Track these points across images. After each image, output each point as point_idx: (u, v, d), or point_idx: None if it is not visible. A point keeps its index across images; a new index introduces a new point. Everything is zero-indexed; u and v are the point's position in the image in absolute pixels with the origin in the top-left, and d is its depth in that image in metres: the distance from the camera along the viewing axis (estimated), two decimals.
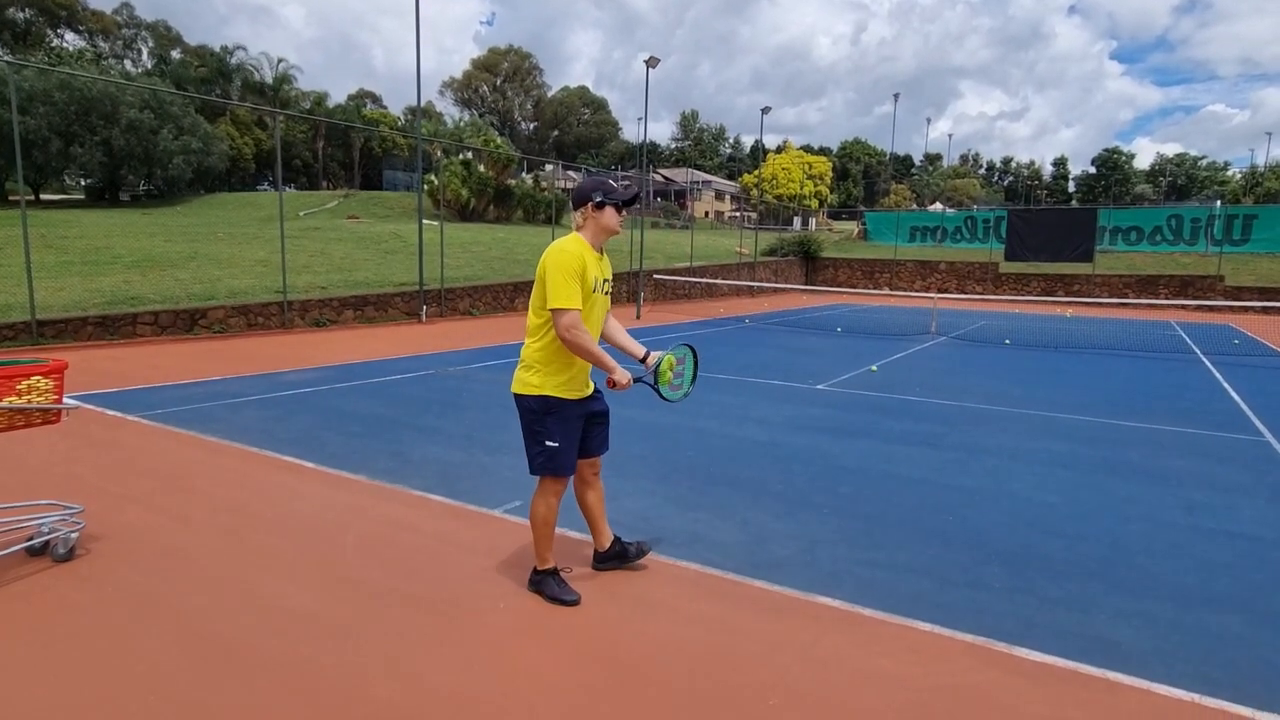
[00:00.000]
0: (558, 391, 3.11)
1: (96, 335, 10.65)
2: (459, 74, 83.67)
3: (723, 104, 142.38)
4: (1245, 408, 8.24)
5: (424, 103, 53.93)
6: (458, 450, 5.61)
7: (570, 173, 46.08)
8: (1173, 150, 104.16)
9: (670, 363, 3.34)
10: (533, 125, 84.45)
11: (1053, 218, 30.49)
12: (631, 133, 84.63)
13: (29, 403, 3.31)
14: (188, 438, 5.74)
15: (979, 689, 2.65)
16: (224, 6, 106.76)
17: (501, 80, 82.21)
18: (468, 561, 3.63)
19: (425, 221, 16.65)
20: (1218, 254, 28.20)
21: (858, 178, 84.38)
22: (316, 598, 3.20)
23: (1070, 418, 7.43)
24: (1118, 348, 13.88)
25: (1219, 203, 44.94)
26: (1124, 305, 24.98)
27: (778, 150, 73.04)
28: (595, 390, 3.32)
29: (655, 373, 3.28)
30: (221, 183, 46.34)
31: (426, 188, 28.49)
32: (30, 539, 3.51)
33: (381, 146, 60.04)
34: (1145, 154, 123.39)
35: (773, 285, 26.70)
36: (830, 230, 48.38)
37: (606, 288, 3.24)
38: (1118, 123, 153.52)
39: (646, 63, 18.75)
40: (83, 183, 41.56)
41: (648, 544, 3.66)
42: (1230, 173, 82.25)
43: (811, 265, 33.64)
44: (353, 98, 70.96)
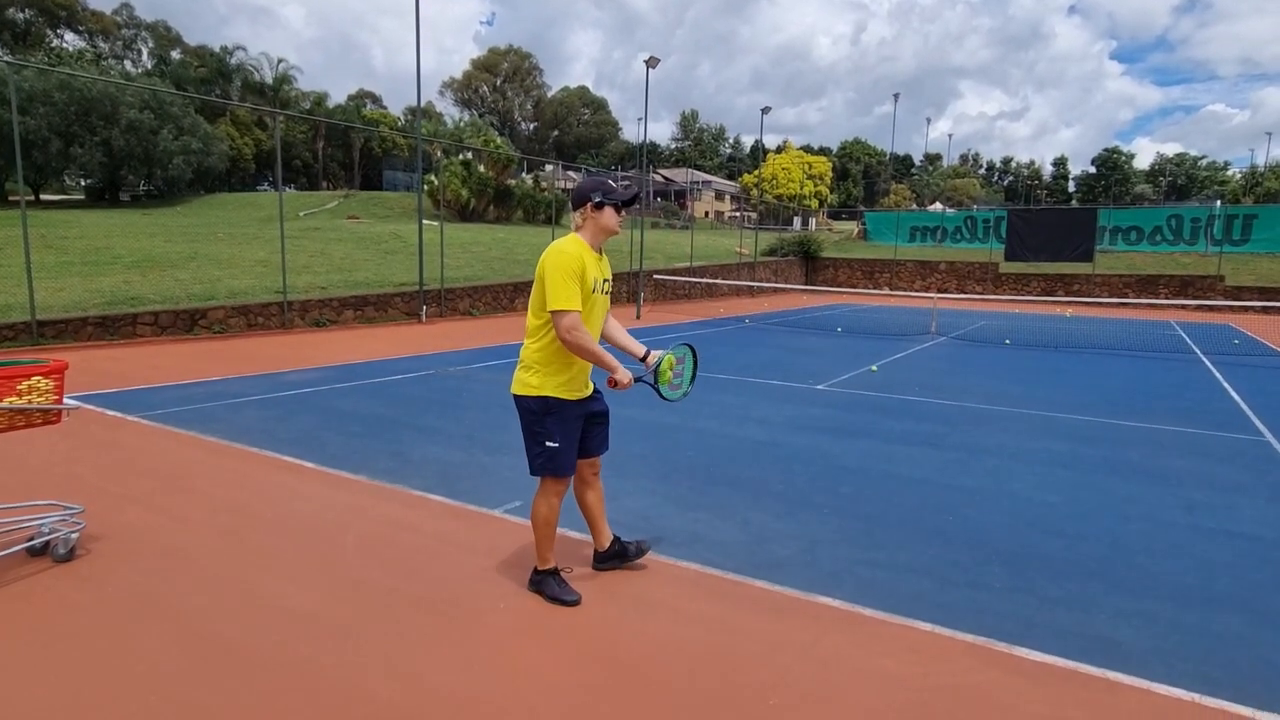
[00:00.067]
0: (557, 392, 3.11)
1: (96, 335, 10.65)
2: (459, 74, 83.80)
3: (723, 104, 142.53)
4: (1245, 407, 8.24)
5: (424, 103, 53.95)
6: (458, 450, 5.61)
7: (570, 173, 46.07)
8: (1173, 150, 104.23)
9: (670, 362, 3.34)
10: (533, 125, 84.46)
11: (1053, 218, 30.49)
12: (631, 133, 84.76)
13: (29, 403, 3.31)
14: (188, 438, 5.74)
15: (979, 689, 2.65)
16: (224, 7, 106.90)
17: (501, 80, 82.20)
18: (468, 561, 3.63)
19: (425, 222, 16.65)
20: (1218, 254, 28.21)
21: (858, 178, 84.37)
22: (316, 598, 3.20)
23: (1070, 417, 7.43)
24: (1118, 348, 13.88)
25: (1219, 203, 44.93)
26: (1124, 305, 24.98)
27: (778, 150, 73.04)
28: (595, 390, 3.32)
29: (655, 372, 3.28)
30: (221, 183, 46.34)
31: (426, 188, 28.49)
32: (31, 539, 3.51)
33: (381, 147, 60.04)
34: (1145, 154, 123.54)
35: (773, 285, 26.70)
36: (830, 230, 48.37)
37: (606, 288, 3.24)
38: (1118, 123, 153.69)
39: (646, 63, 18.75)
40: (83, 183, 41.56)
41: (647, 543, 3.66)
42: (1230, 173, 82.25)
43: (811, 265, 33.63)
44: (353, 98, 70.96)
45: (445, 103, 79.68)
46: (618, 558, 3.55)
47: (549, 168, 49.01)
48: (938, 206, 53.81)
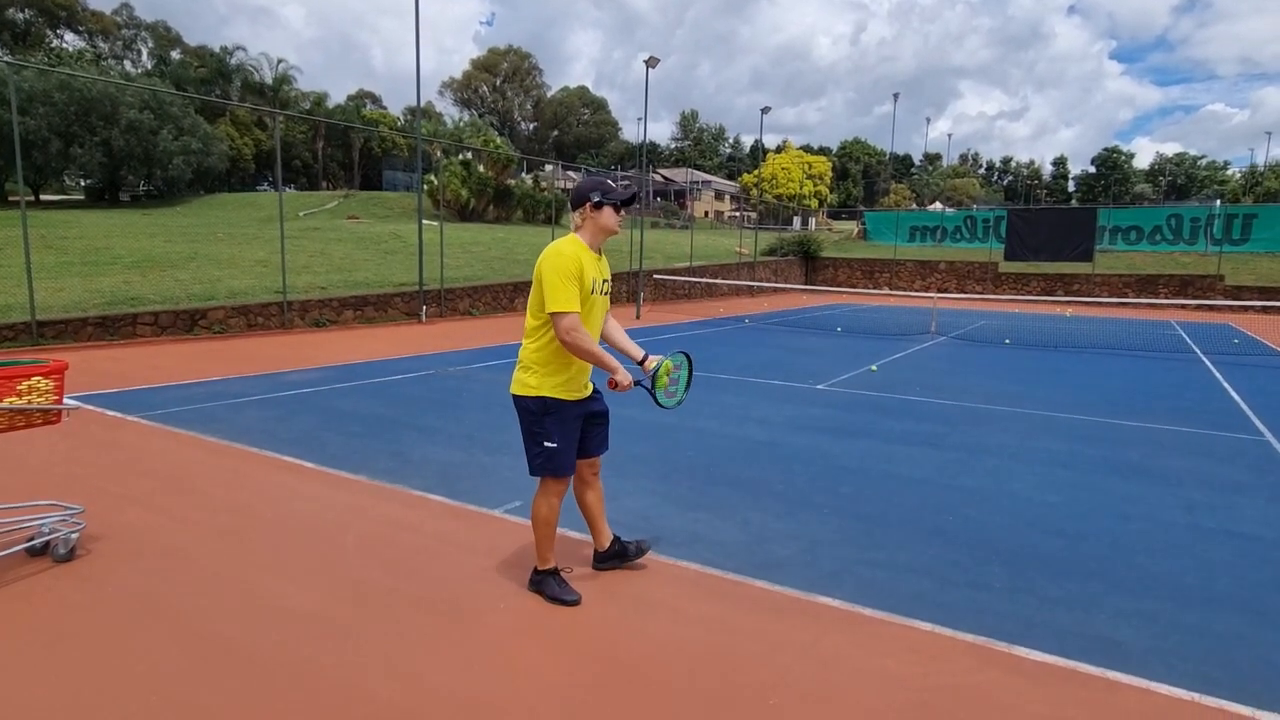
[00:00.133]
0: (556, 392, 3.11)
1: (96, 336, 10.65)
2: (459, 74, 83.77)
3: (722, 104, 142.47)
4: (1245, 407, 8.24)
5: (424, 103, 53.94)
6: (458, 450, 5.61)
7: (570, 173, 46.07)
8: (1172, 150, 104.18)
9: (668, 368, 3.33)
10: (532, 125, 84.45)
11: (1052, 217, 30.49)
12: (631, 133, 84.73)
13: (29, 403, 3.31)
14: (188, 438, 5.74)
15: (979, 688, 2.65)
16: (224, 7, 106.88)
17: (501, 80, 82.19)
18: (468, 561, 3.63)
19: (425, 222, 16.65)
20: (1217, 253, 28.21)
21: (857, 177, 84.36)
22: (316, 598, 3.20)
23: (1070, 417, 7.43)
24: (1118, 347, 13.88)
25: (1219, 202, 44.95)
26: (1124, 305, 24.98)
27: (777, 150, 73.03)
28: (595, 391, 3.32)
29: (653, 377, 3.27)
30: (221, 183, 46.34)
31: (426, 188, 28.49)
32: (31, 539, 3.51)
33: (381, 147, 60.03)
34: (1145, 153, 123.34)
35: (772, 285, 26.70)
36: (830, 230, 48.38)
37: (605, 288, 3.24)
38: (1117, 122, 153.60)
39: (646, 63, 18.75)
40: (82, 183, 41.55)
41: (647, 543, 3.66)
42: (1230, 172, 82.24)
43: (811, 265, 33.64)
44: (352, 98, 70.93)
45: (445, 103, 79.78)
46: (618, 558, 3.55)
47: (549, 168, 49.01)
48: (937, 206, 53.82)
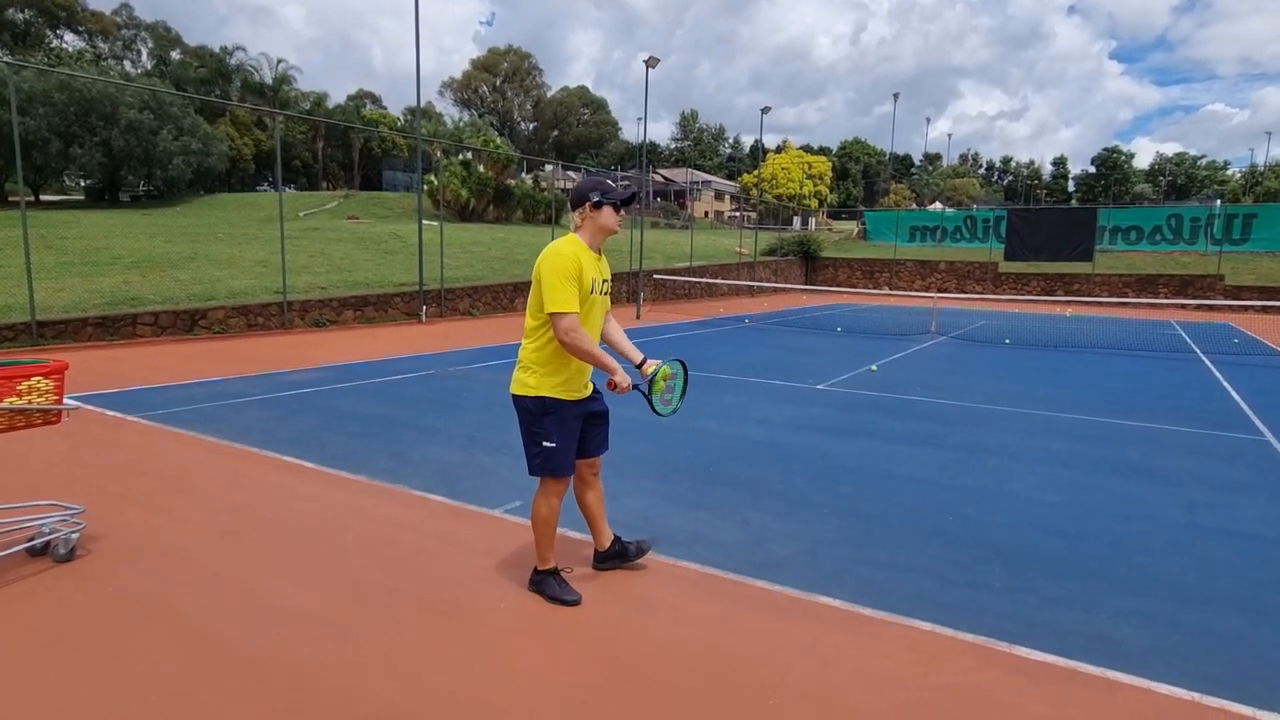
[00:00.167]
0: (555, 392, 3.11)
1: (96, 336, 10.65)
2: (459, 74, 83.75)
3: (722, 104, 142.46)
4: (1245, 407, 8.24)
5: (424, 103, 53.88)
6: (458, 450, 5.61)
7: (570, 173, 46.07)
8: (1172, 150, 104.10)
9: (665, 374, 3.33)
10: (532, 125, 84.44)
11: (1052, 217, 30.48)
12: (631, 133, 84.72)
13: (29, 403, 3.31)
14: (188, 438, 5.74)
15: (980, 688, 2.65)
16: (224, 7, 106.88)
17: (501, 80, 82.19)
18: (468, 561, 3.63)
19: (425, 222, 16.65)
20: (1217, 253, 28.20)
21: (857, 177, 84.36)
22: (316, 598, 3.20)
23: (1070, 417, 7.43)
24: (1118, 347, 13.88)
25: (1219, 202, 44.91)
26: (1124, 305, 24.98)
27: (777, 150, 73.03)
28: (595, 391, 3.32)
29: (650, 382, 3.27)
30: (221, 183, 46.34)
31: (426, 188, 28.50)
32: (31, 539, 3.51)
33: (381, 147, 60.04)
34: (1145, 153, 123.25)
35: (772, 285, 26.70)
36: (830, 230, 48.37)
37: (605, 289, 3.23)
38: (1117, 122, 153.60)
39: (646, 63, 18.75)
40: (82, 183, 41.55)
41: (648, 543, 3.66)
42: (1230, 172, 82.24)
43: (811, 265, 33.64)
44: (352, 98, 70.94)
45: (445, 103, 79.78)
46: (618, 557, 3.55)
47: (549, 168, 49.01)
48: (937, 206, 53.82)
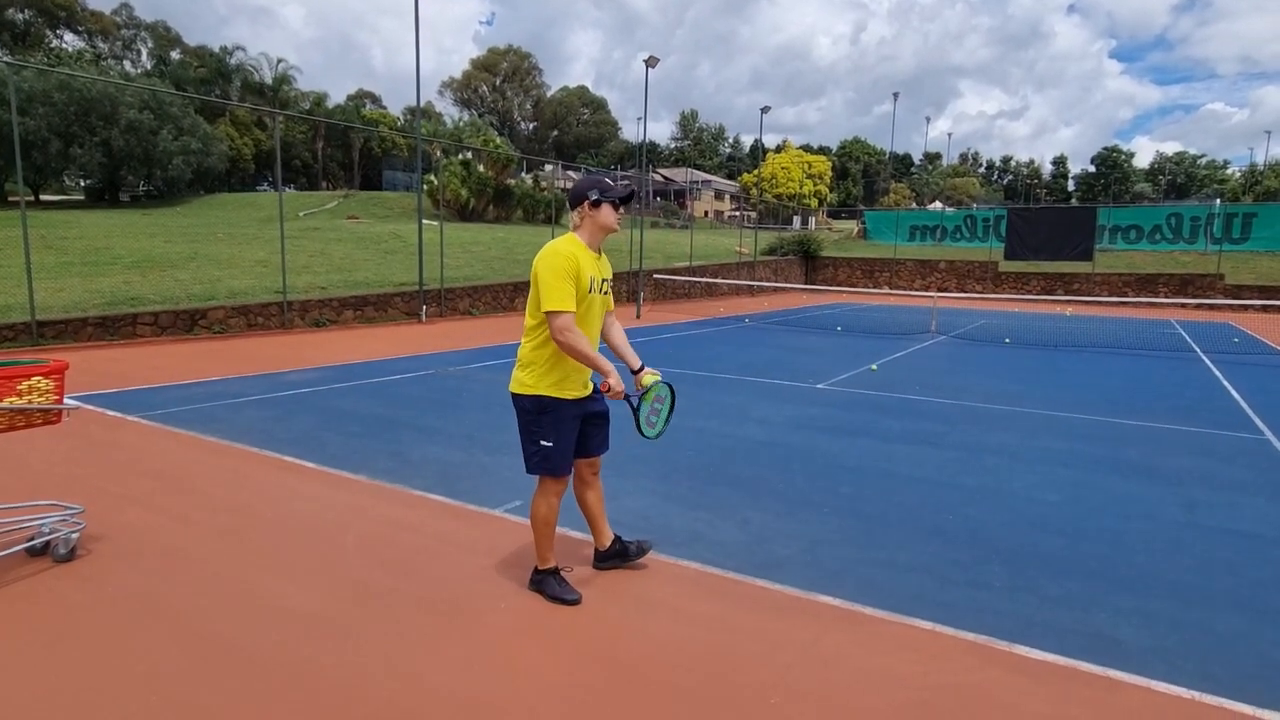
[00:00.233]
0: (552, 391, 3.10)
1: (96, 336, 10.65)
2: (458, 74, 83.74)
3: (722, 104, 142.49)
4: (1245, 406, 8.24)
5: (423, 103, 53.86)
6: (458, 450, 5.61)
7: (570, 172, 46.07)
8: (1172, 149, 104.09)
9: (656, 393, 3.29)
10: (532, 125, 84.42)
11: (1052, 216, 30.50)
12: (631, 132, 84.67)
13: (29, 403, 3.31)
14: (188, 438, 5.74)
15: (980, 687, 2.65)
16: (223, 7, 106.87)
17: (501, 80, 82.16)
18: (468, 561, 3.63)
19: (425, 221, 16.65)
20: (1217, 252, 28.19)
21: (857, 177, 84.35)
22: (316, 598, 3.20)
23: (1070, 416, 7.43)
24: (1118, 346, 13.87)
25: (1218, 201, 44.86)
26: (1124, 304, 24.97)
27: (777, 150, 73.04)
28: (595, 391, 3.31)
29: (640, 396, 3.23)
30: (221, 183, 46.33)
31: (426, 188, 28.50)
32: (31, 539, 3.51)
33: (381, 147, 60.03)
34: (1145, 153, 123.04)
35: (772, 284, 26.70)
36: (830, 229, 48.37)
37: (605, 288, 3.23)
38: (1117, 121, 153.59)
39: (646, 62, 18.74)
40: (82, 183, 41.54)
41: (648, 543, 3.65)
42: (1230, 171, 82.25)
43: (811, 264, 33.63)
44: (352, 98, 70.93)
45: (445, 103, 79.76)
46: (618, 557, 3.55)
47: (548, 167, 48.99)
48: (937, 205, 53.83)
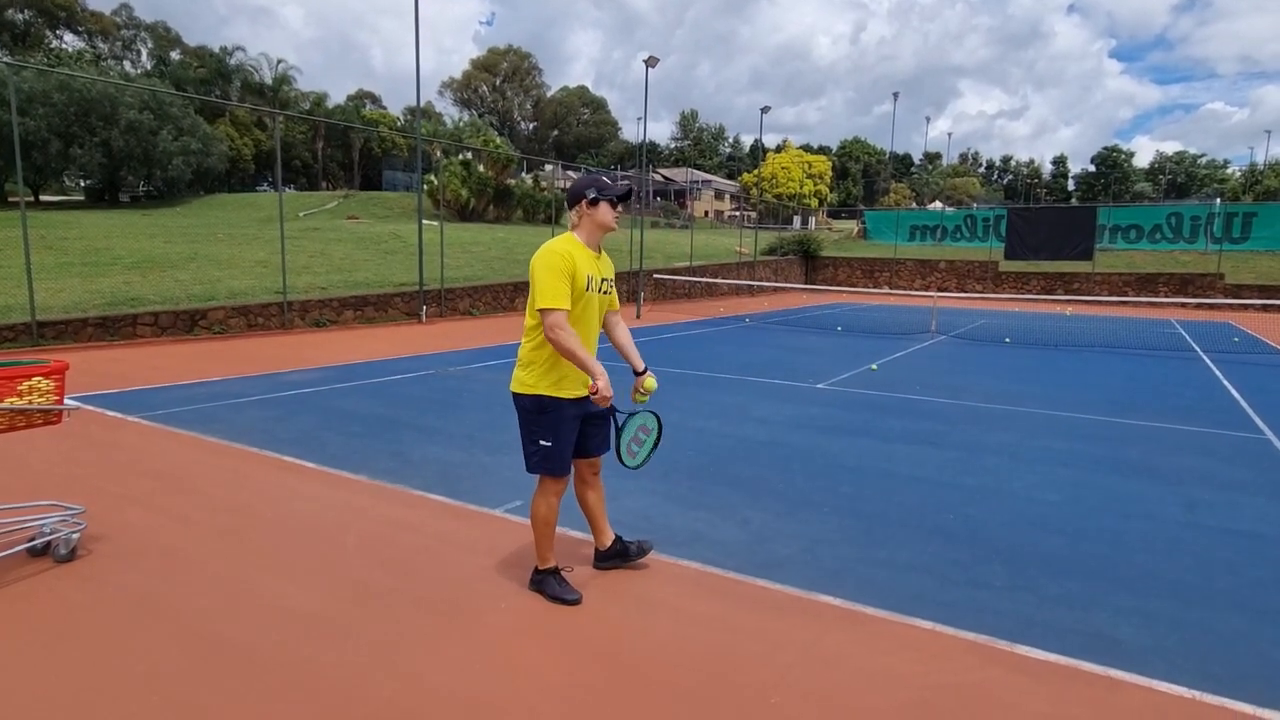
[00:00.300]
0: (551, 390, 3.10)
1: (97, 336, 10.65)
2: (458, 74, 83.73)
3: (722, 104, 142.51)
4: (1245, 405, 8.24)
5: (423, 103, 53.83)
6: (458, 450, 5.61)
7: (570, 172, 46.06)
8: (1172, 148, 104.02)
9: (643, 423, 3.30)
10: (532, 125, 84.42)
11: (1052, 216, 30.49)
12: (631, 132, 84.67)
13: (30, 403, 3.31)
14: (188, 438, 5.74)
15: (980, 687, 2.65)
16: (223, 7, 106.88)
17: (501, 80, 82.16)
18: (468, 561, 3.63)
19: (425, 222, 16.65)
20: (1217, 252, 28.19)
21: (857, 177, 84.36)
22: (316, 598, 3.20)
23: (1070, 416, 7.43)
24: (1118, 346, 13.87)
25: (1218, 201, 44.86)
26: (1124, 303, 24.97)
27: (777, 149, 73.04)
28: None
29: (627, 417, 3.22)
30: (221, 184, 46.34)
31: (426, 188, 28.49)
32: (32, 540, 3.51)
33: (381, 147, 60.04)
34: (1145, 152, 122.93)
35: (773, 284, 26.70)
36: (830, 229, 48.37)
37: (605, 287, 3.23)
38: (1117, 121, 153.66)
39: (646, 62, 18.74)
40: (82, 184, 41.53)
41: (649, 543, 3.65)
42: (1230, 170, 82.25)
43: (811, 264, 33.63)
44: (352, 98, 70.94)
45: (445, 103, 79.77)
46: (619, 557, 3.55)
47: (548, 167, 48.99)
48: (937, 205, 53.83)
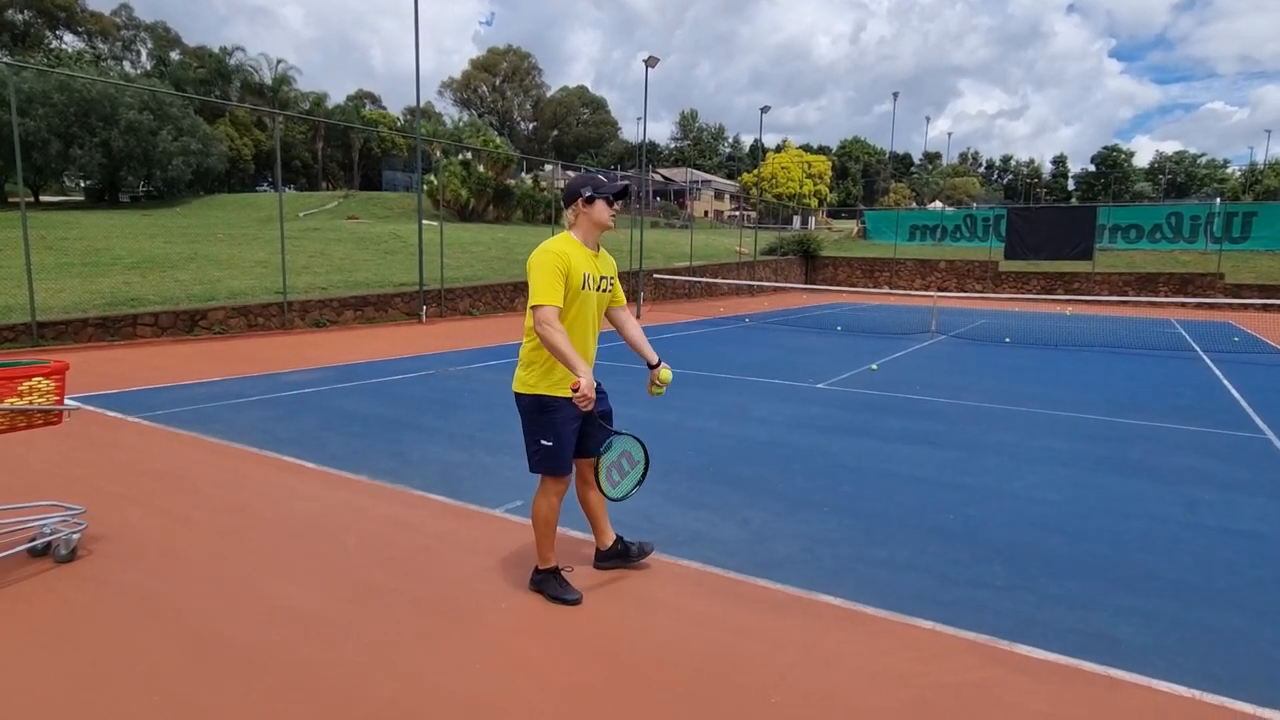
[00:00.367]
0: (552, 390, 3.10)
1: (97, 336, 10.65)
2: (458, 74, 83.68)
3: (722, 104, 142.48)
4: (1245, 405, 8.24)
5: (423, 103, 53.83)
6: (458, 450, 5.61)
7: (569, 172, 46.06)
8: (1172, 148, 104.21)
9: (630, 449, 3.22)
10: (532, 125, 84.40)
11: (1052, 216, 30.51)
12: (631, 132, 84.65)
13: (30, 404, 3.31)
14: (188, 438, 5.74)
15: (981, 686, 2.65)
16: (223, 7, 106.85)
17: (501, 80, 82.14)
18: (468, 561, 3.63)
19: (425, 222, 16.65)
20: (1217, 251, 28.19)
21: (857, 176, 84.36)
22: (316, 598, 3.20)
23: (1071, 415, 7.43)
24: (1118, 346, 13.87)
25: (1218, 200, 44.85)
26: (1124, 303, 24.96)
27: (777, 149, 73.04)
28: (598, 391, 3.31)
29: (612, 437, 3.15)
30: (221, 184, 46.35)
31: (426, 188, 28.49)
32: (32, 540, 3.51)
33: (381, 147, 60.04)
34: (1145, 152, 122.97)
35: (773, 284, 26.70)
36: (830, 229, 48.37)
37: (605, 285, 3.23)
38: (1117, 121, 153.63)
39: (646, 62, 18.74)
40: (82, 184, 41.54)
41: (650, 545, 3.65)
42: (1230, 170, 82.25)
43: (811, 264, 33.63)
44: (352, 98, 70.93)
45: (444, 103, 79.75)
46: (619, 557, 3.55)
47: (548, 167, 48.99)
48: (937, 205, 53.81)
